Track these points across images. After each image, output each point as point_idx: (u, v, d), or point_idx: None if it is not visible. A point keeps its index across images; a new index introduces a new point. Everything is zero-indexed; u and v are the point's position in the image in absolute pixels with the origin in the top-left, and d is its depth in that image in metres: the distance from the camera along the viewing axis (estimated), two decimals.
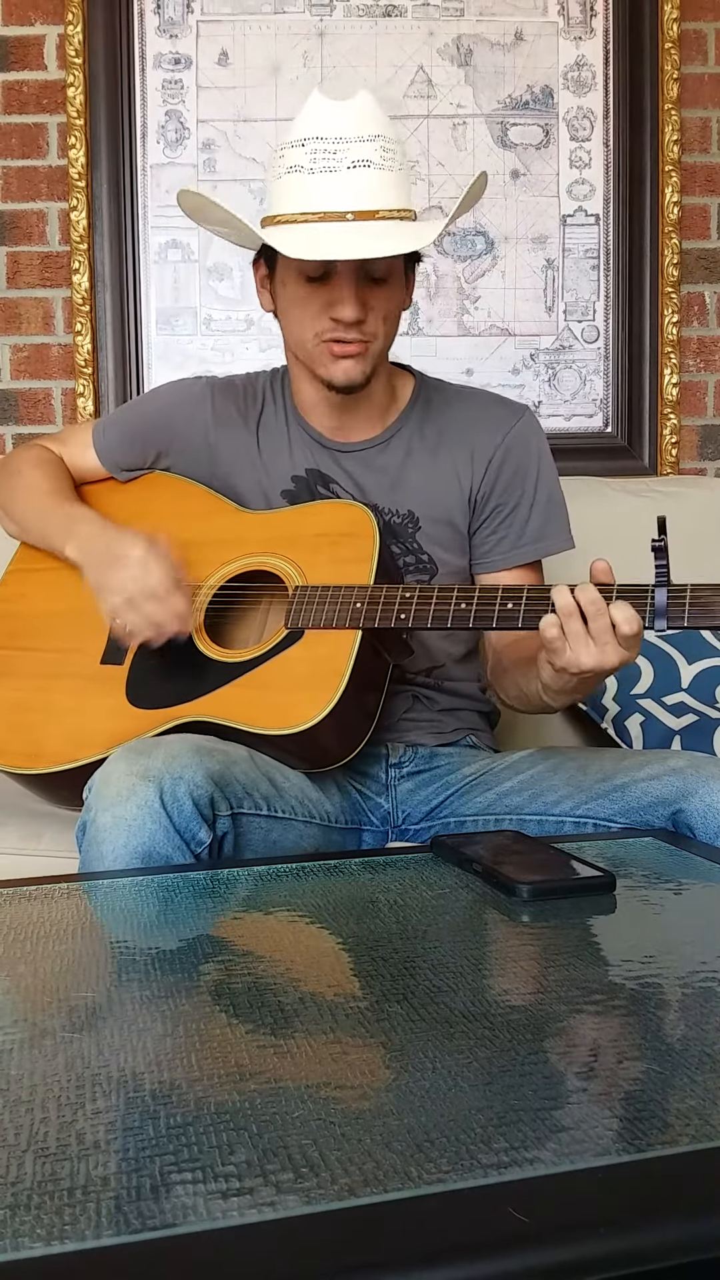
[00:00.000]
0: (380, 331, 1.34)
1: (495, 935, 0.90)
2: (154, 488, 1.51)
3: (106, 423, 1.56)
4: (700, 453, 2.32)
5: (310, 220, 1.25)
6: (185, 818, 1.11)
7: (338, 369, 1.34)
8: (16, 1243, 0.48)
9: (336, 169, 1.25)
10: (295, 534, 1.37)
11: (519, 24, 2.20)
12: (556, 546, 1.46)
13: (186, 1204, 0.51)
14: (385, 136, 1.27)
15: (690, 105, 2.24)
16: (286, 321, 1.38)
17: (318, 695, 1.23)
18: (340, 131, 1.26)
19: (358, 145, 1.26)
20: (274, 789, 1.25)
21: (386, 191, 1.27)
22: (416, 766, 1.42)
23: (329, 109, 1.28)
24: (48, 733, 1.38)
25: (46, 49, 2.19)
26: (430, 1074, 0.63)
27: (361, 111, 1.28)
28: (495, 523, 1.44)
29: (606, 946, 0.88)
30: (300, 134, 1.28)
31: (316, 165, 1.26)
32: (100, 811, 1.11)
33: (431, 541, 1.43)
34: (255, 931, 0.94)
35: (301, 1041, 0.68)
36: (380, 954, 0.84)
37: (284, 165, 1.29)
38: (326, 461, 1.44)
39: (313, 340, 1.34)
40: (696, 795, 1.18)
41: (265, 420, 1.47)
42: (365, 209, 1.25)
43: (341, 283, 1.29)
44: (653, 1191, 0.53)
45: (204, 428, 1.47)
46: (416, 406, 1.47)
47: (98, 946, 0.89)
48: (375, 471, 1.44)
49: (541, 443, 1.47)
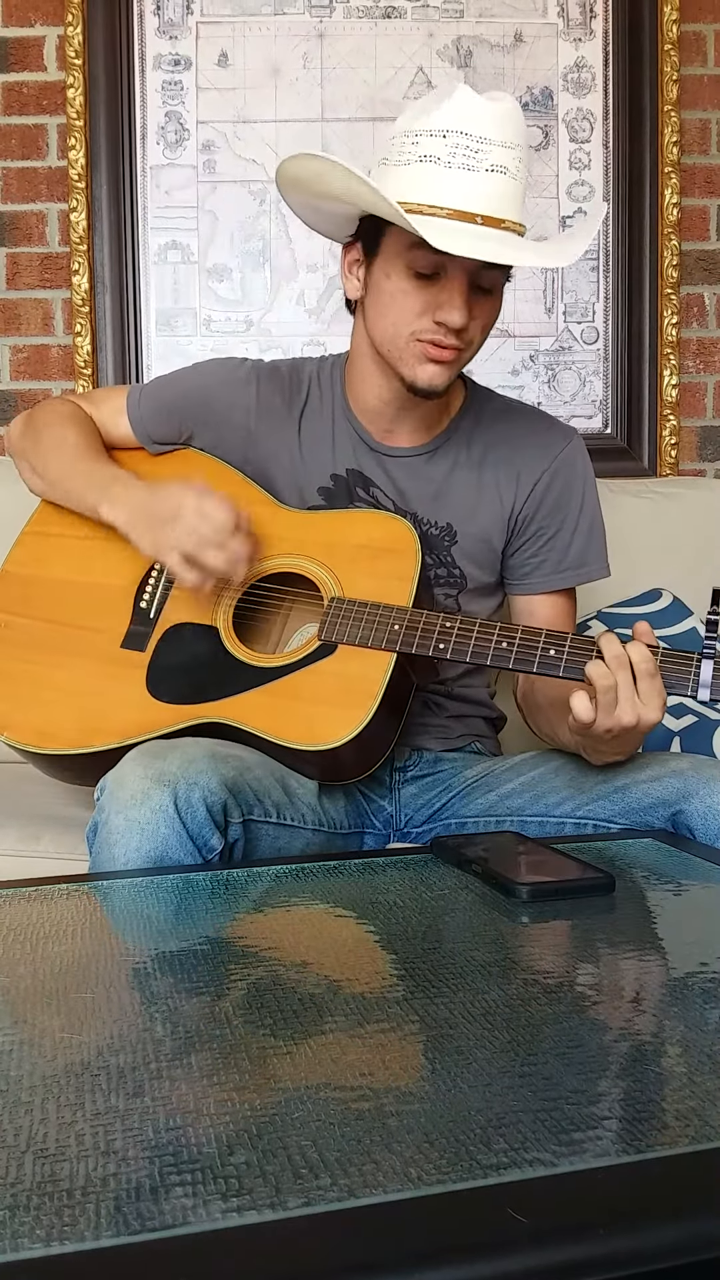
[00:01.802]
0: (476, 342, 1.30)
1: (495, 936, 0.90)
2: (188, 466, 1.45)
3: (143, 391, 1.50)
4: (700, 454, 2.32)
5: (439, 214, 1.20)
6: (199, 823, 1.10)
7: (425, 372, 1.29)
8: (16, 1243, 0.48)
9: (475, 169, 1.20)
10: (334, 540, 1.34)
11: (518, 25, 2.21)
12: (596, 574, 1.44)
13: (186, 1205, 0.51)
14: (522, 148, 1.23)
15: (690, 107, 2.25)
16: (379, 313, 1.30)
17: (348, 714, 1.22)
18: (486, 132, 1.20)
19: (500, 150, 1.20)
20: (286, 797, 1.25)
21: (513, 203, 1.22)
22: (421, 771, 1.42)
23: (477, 106, 1.20)
24: (60, 712, 1.35)
25: (46, 50, 2.19)
26: (430, 1075, 0.63)
27: (508, 117, 1.22)
28: (536, 545, 1.42)
29: (606, 947, 0.88)
30: (442, 124, 1.20)
31: (455, 160, 1.20)
32: (114, 814, 1.10)
33: (465, 556, 1.41)
34: (255, 933, 0.94)
35: (302, 1042, 0.68)
36: (380, 955, 0.84)
37: (414, 152, 1.22)
38: (370, 463, 1.41)
39: (407, 337, 1.28)
40: (696, 797, 1.17)
41: (309, 412, 1.43)
42: (494, 215, 1.21)
43: (453, 286, 1.24)
44: (652, 1192, 0.53)
45: (245, 413, 1.43)
46: (467, 417, 1.43)
47: (99, 948, 0.89)
48: (419, 480, 1.40)
49: (588, 468, 1.44)
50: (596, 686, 1.09)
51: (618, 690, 1.09)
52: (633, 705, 1.10)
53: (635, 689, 1.10)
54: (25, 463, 1.48)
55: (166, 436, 1.48)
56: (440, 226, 1.18)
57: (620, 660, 1.10)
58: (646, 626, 1.14)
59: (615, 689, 1.09)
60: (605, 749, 1.19)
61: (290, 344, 2.23)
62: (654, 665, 1.10)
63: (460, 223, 1.20)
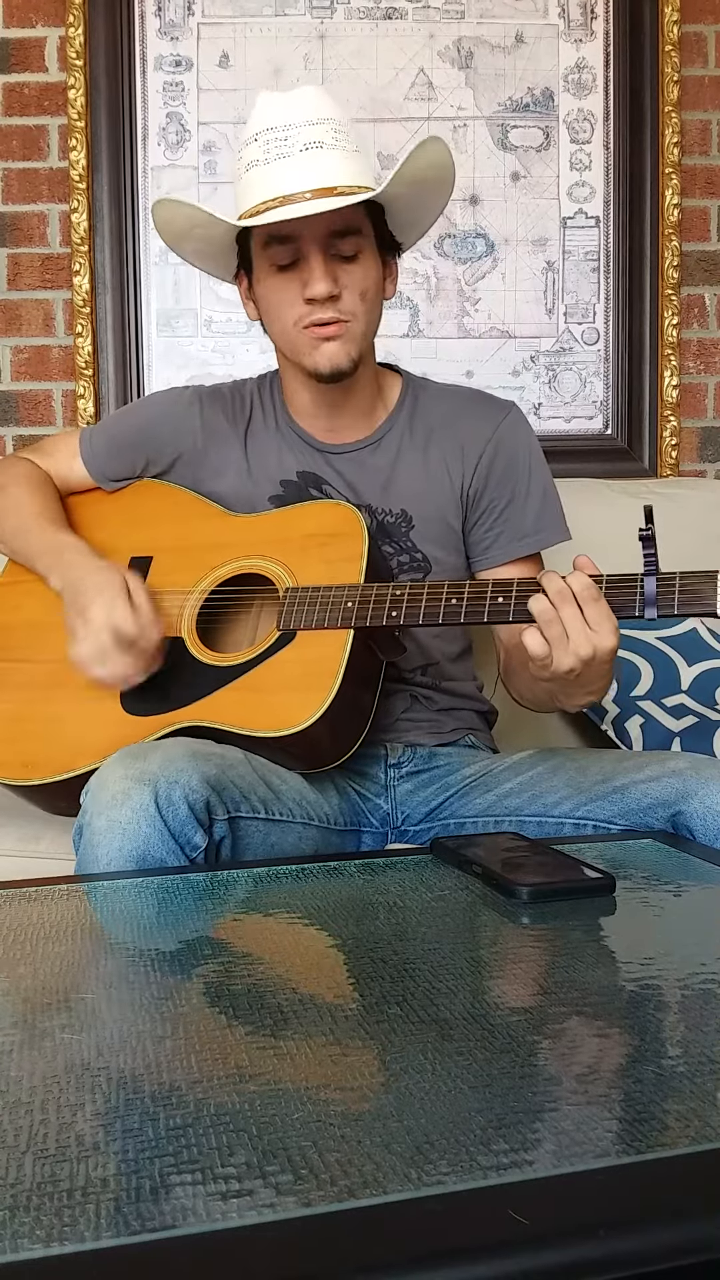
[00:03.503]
0: (358, 310, 1.34)
1: (494, 937, 0.90)
2: (142, 494, 1.51)
3: (93, 432, 1.56)
4: (700, 455, 2.32)
5: (272, 206, 1.27)
6: (180, 821, 1.11)
7: (321, 355, 1.34)
8: (16, 1244, 0.48)
9: (289, 154, 1.27)
10: (284, 536, 1.37)
11: (519, 26, 2.21)
12: (554, 538, 1.46)
13: (186, 1205, 0.51)
14: (335, 119, 1.30)
15: (690, 107, 2.25)
16: (269, 319, 1.39)
17: (311, 696, 1.23)
18: (289, 119, 1.28)
19: (307, 129, 1.28)
20: (271, 792, 1.25)
21: (342, 168, 1.28)
22: (416, 767, 1.42)
23: (276, 101, 1.30)
24: (43, 743, 1.38)
25: (47, 51, 2.19)
26: (429, 1076, 0.63)
27: (307, 99, 1.30)
28: (491, 518, 1.45)
29: (606, 948, 0.88)
30: (253, 130, 1.30)
31: (270, 154, 1.28)
32: (95, 815, 1.11)
33: (425, 540, 1.43)
34: (254, 933, 0.94)
35: (301, 1043, 0.68)
36: (379, 956, 0.84)
37: (243, 163, 1.31)
38: (319, 464, 1.44)
39: (294, 328, 1.34)
40: (696, 797, 1.17)
41: (254, 427, 1.48)
42: (323, 186, 1.26)
43: (310, 263, 1.30)
44: (652, 1193, 0.53)
45: (192, 436, 1.47)
46: (405, 405, 1.47)
47: (97, 948, 0.89)
48: (367, 472, 1.44)
49: (530, 436, 1.47)
50: (540, 620, 1.10)
51: (564, 623, 1.10)
52: (585, 635, 1.10)
53: (584, 619, 1.10)
54: None
55: (121, 473, 1.53)
56: (274, 214, 1.26)
57: (563, 594, 1.10)
58: (588, 560, 1.15)
59: (560, 621, 1.10)
60: (575, 690, 1.18)
61: None
62: (597, 591, 1.11)
63: (292, 205, 1.26)
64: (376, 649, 1.32)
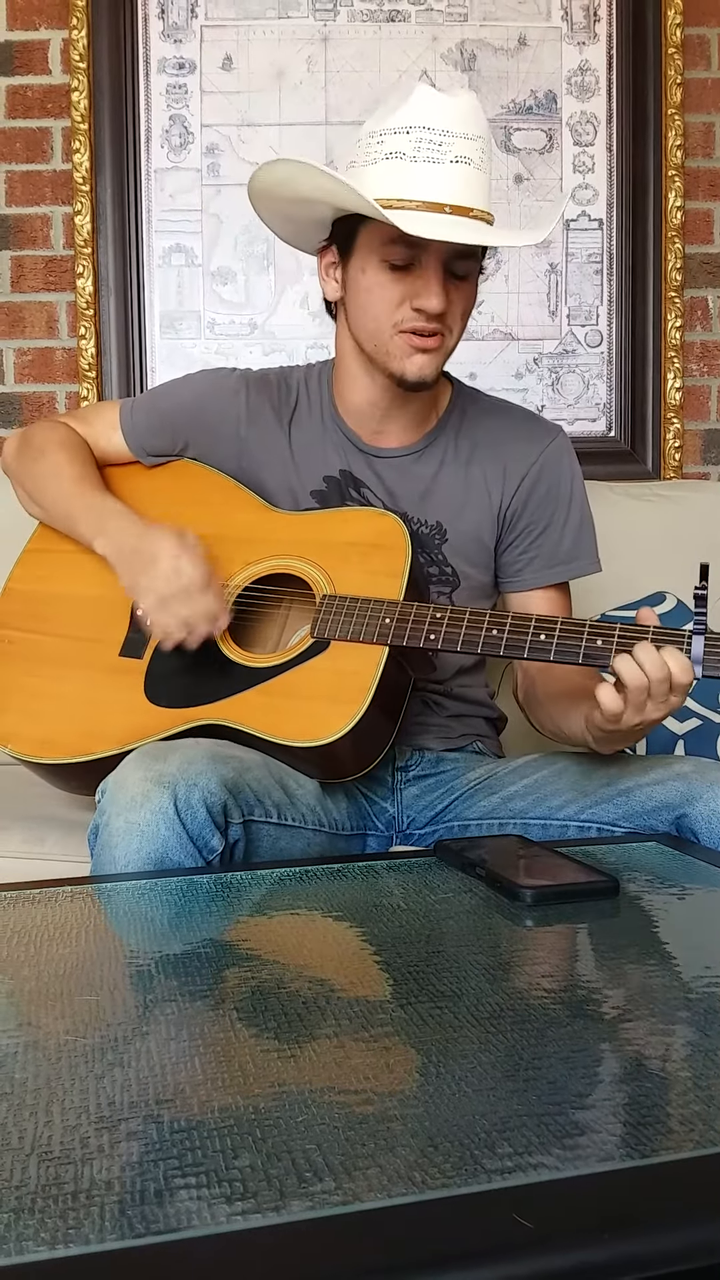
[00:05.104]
0: (456, 329, 1.32)
1: (498, 939, 0.90)
2: (182, 477, 1.48)
3: (135, 405, 1.52)
4: (703, 457, 2.32)
5: (409, 206, 1.23)
6: (199, 825, 1.10)
7: (413, 363, 1.31)
8: (21, 1246, 0.48)
9: (440, 161, 1.24)
10: (325, 539, 1.35)
11: (522, 29, 2.21)
12: (587, 568, 1.45)
13: (190, 1208, 0.51)
14: (485, 139, 1.27)
15: (693, 110, 2.25)
16: (360, 310, 1.33)
17: (342, 709, 1.22)
18: (448, 125, 1.24)
19: (463, 142, 1.24)
20: (286, 797, 1.25)
21: (479, 192, 1.26)
22: (422, 771, 1.42)
23: (437, 101, 1.25)
24: (62, 723, 1.36)
25: (51, 53, 2.19)
26: (434, 1079, 0.63)
27: (466, 110, 1.26)
28: (526, 542, 1.43)
29: (610, 951, 0.88)
30: (405, 121, 1.25)
31: (420, 154, 1.24)
32: (114, 816, 1.11)
33: (456, 554, 1.41)
34: (260, 935, 0.94)
35: (306, 1046, 0.68)
36: (383, 958, 0.84)
37: (381, 150, 1.25)
38: (360, 465, 1.42)
39: (390, 330, 1.30)
40: (700, 800, 1.17)
41: (299, 418, 1.45)
42: (461, 204, 1.24)
43: (429, 273, 1.27)
44: (657, 1197, 0.53)
45: (235, 422, 1.44)
46: (453, 416, 1.45)
47: (103, 950, 0.89)
48: (408, 479, 1.42)
49: (574, 463, 1.46)
50: (629, 686, 1.11)
51: (650, 692, 1.11)
52: (665, 706, 1.13)
53: (649, 696, 1.11)
54: (21, 489, 1.50)
55: (160, 449, 1.50)
56: (412, 217, 1.22)
57: (660, 667, 1.11)
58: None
59: (648, 690, 1.11)
60: (619, 740, 1.21)
61: (294, 347, 2.23)
62: (667, 672, 1.11)
63: (430, 213, 1.23)
64: (408, 666, 1.31)
